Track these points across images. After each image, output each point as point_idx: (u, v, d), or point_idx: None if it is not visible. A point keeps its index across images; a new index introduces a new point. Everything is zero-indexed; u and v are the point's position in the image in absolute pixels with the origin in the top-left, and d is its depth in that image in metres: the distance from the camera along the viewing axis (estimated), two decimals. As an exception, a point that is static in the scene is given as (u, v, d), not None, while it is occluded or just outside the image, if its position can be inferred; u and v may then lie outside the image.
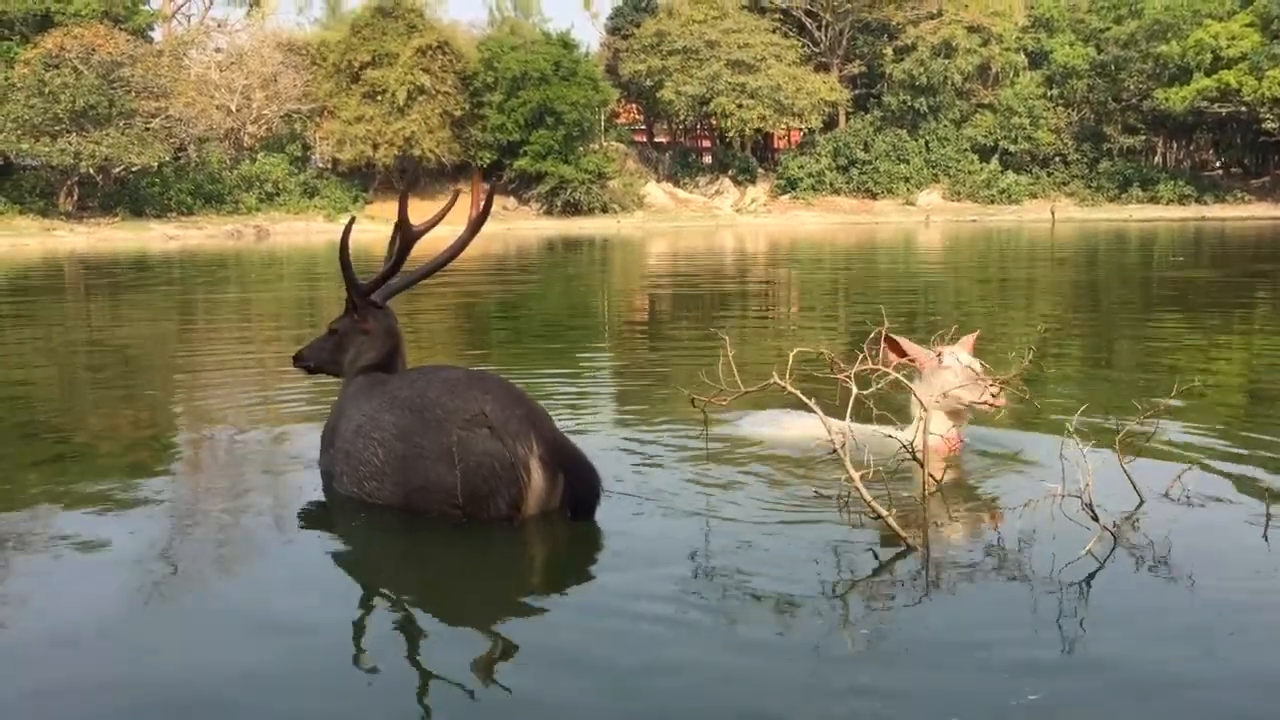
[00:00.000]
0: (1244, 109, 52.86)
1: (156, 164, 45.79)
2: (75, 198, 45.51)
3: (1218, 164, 61.04)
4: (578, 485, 4.19)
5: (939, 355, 4.98)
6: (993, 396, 4.83)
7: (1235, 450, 5.16)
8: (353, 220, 5.61)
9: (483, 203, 4.95)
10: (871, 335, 4.67)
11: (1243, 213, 52.65)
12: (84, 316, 14.32)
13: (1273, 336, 10.15)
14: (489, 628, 3.30)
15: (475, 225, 5.02)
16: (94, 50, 45.46)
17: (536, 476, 4.10)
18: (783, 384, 4.31)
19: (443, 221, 5.09)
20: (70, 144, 43.31)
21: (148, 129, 46.11)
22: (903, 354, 4.99)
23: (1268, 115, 52.28)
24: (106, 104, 44.32)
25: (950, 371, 4.90)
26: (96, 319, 13.97)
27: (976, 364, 4.96)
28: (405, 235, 4.93)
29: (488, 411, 4.10)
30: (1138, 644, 3.04)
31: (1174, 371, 7.48)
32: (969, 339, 5.15)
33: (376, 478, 4.30)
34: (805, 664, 2.94)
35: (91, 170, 44.22)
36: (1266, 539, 3.88)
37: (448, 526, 4.11)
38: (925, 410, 4.37)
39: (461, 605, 3.50)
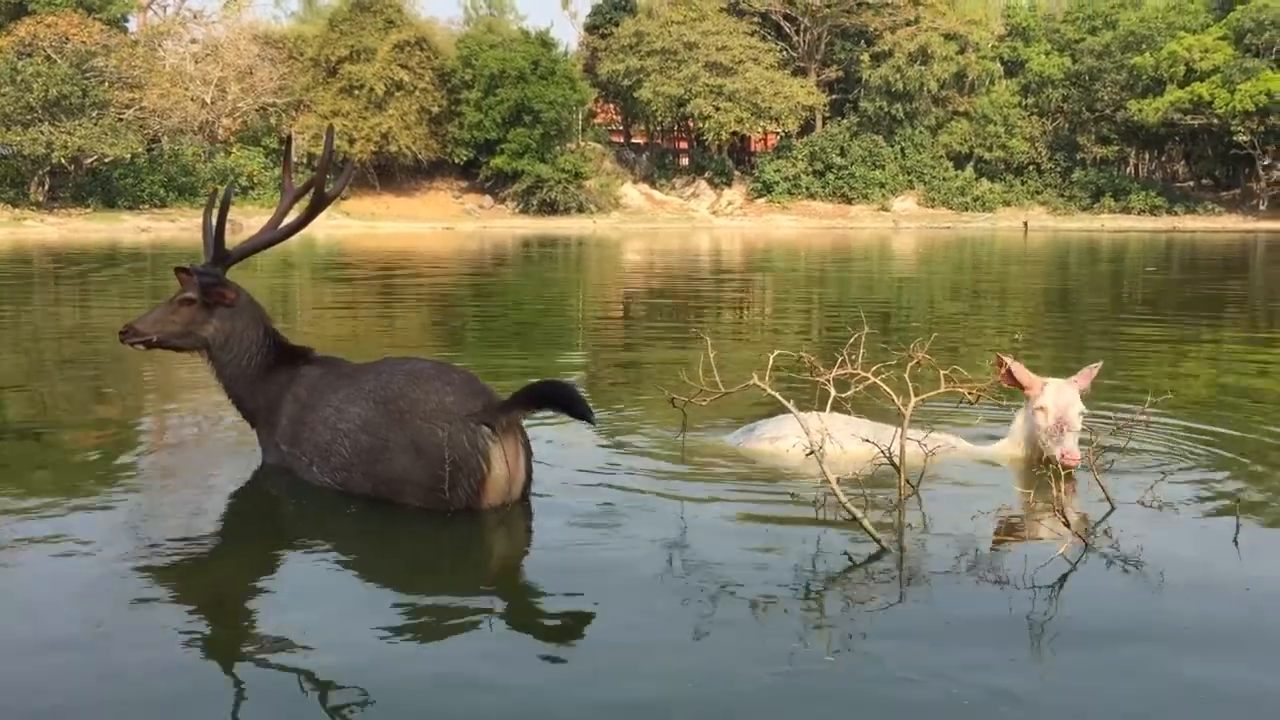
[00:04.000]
0: (1216, 121, 53.37)
1: (129, 155, 45.34)
2: (47, 188, 45.06)
3: (1189, 176, 61.61)
4: (556, 400, 4.23)
5: (1043, 386, 4.96)
6: (1067, 455, 4.78)
7: (1205, 457, 5.21)
8: (231, 186, 5.60)
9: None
10: (851, 340, 4.69)
11: (1213, 225, 53.20)
12: (52, 306, 14.19)
13: (1241, 346, 10.26)
14: (452, 621, 3.29)
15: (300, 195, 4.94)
16: (68, 39, 45.05)
17: (497, 466, 4.14)
18: (761, 385, 4.33)
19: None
20: (42, 134, 42.85)
21: (121, 120, 45.69)
22: (1015, 381, 5.01)
23: (1239, 128, 52.81)
24: (80, 94, 43.87)
25: (1041, 415, 4.90)
26: (65, 309, 13.85)
27: (1073, 410, 4.87)
28: (317, 200, 4.84)
29: (449, 403, 4.12)
30: (1107, 647, 3.07)
31: (1146, 381, 7.56)
32: (1091, 370, 5.09)
33: (346, 469, 4.33)
34: (777, 666, 2.94)
35: (64, 160, 43.78)
36: (1236, 544, 3.92)
37: (414, 516, 4.13)
38: (906, 414, 4.40)
39: (424, 598, 3.48)
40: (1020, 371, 4.97)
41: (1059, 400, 4.84)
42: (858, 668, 2.94)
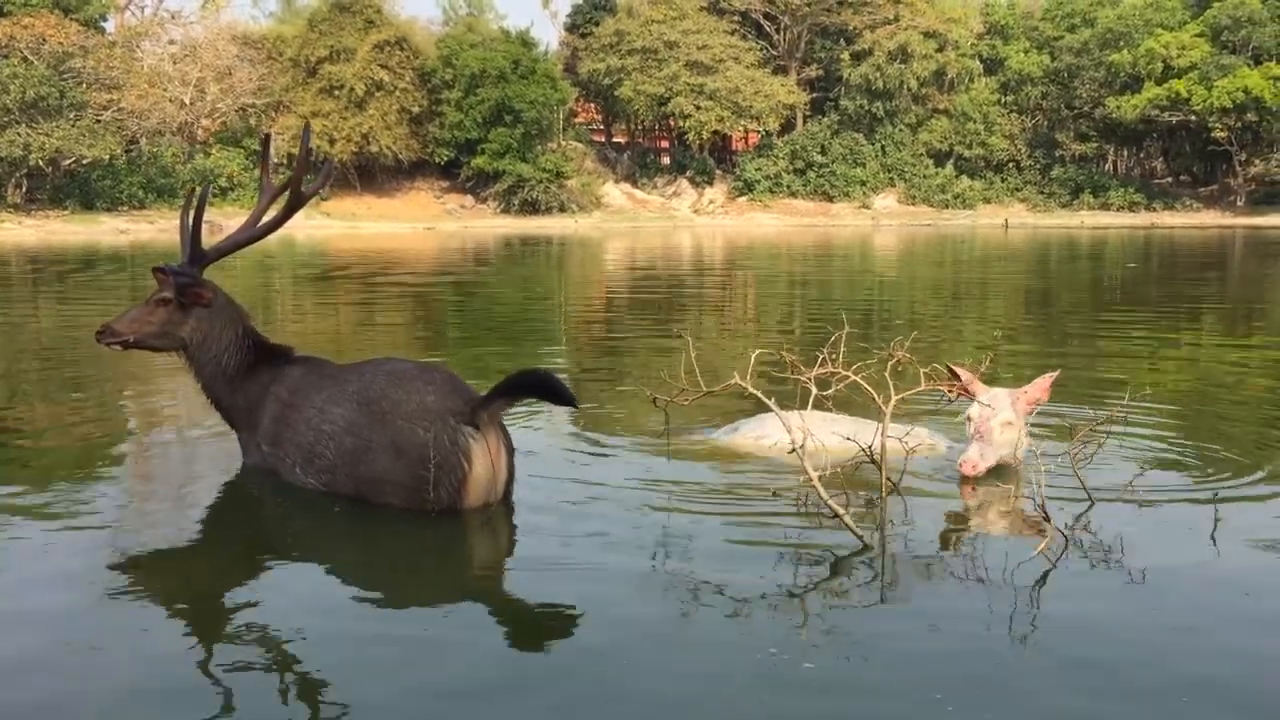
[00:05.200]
0: (1193, 118, 53.68)
1: (108, 157, 45.04)
2: (24, 190, 44.71)
3: (1167, 172, 61.94)
4: (536, 387, 4.26)
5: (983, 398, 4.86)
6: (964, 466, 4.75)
7: (1184, 453, 5.25)
8: (208, 185, 5.66)
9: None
10: (832, 339, 4.71)
11: (1191, 220, 53.49)
12: (31, 309, 14.10)
13: (1220, 341, 10.33)
14: (437, 622, 3.30)
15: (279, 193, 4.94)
16: (44, 40, 44.72)
17: (479, 465, 4.14)
18: (743, 384, 4.34)
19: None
20: (19, 135, 42.54)
21: (99, 121, 45.43)
22: (964, 388, 4.96)
23: (1216, 124, 53.13)
24: (57, 95, 43.58)
25: (968, 422, 4.86)
26: (44, 312, 13.76)
27: (993, 421, 4.77)
28: (294, 199, 4.82)
29: (430, 403, 4.12)
30: (1087, 642, 3.09)
31: (1125, 376, 7.60)
32: (1045, 380, 4.94)
33: (330, 470, 4.32)
34: (760, 662, 2.96)
35: (41, 162, 43.46)
36: (1214, 540, 3.95)
37: (397, 517, 4.13)
38: (886, 412, 4.41)
39: (407, 599, 3.48)
40: (969, 381, 4.94)
41: (983, 411, 4.82)
42: (840, 665, 2.95)
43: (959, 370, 4.95)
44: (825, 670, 2.91)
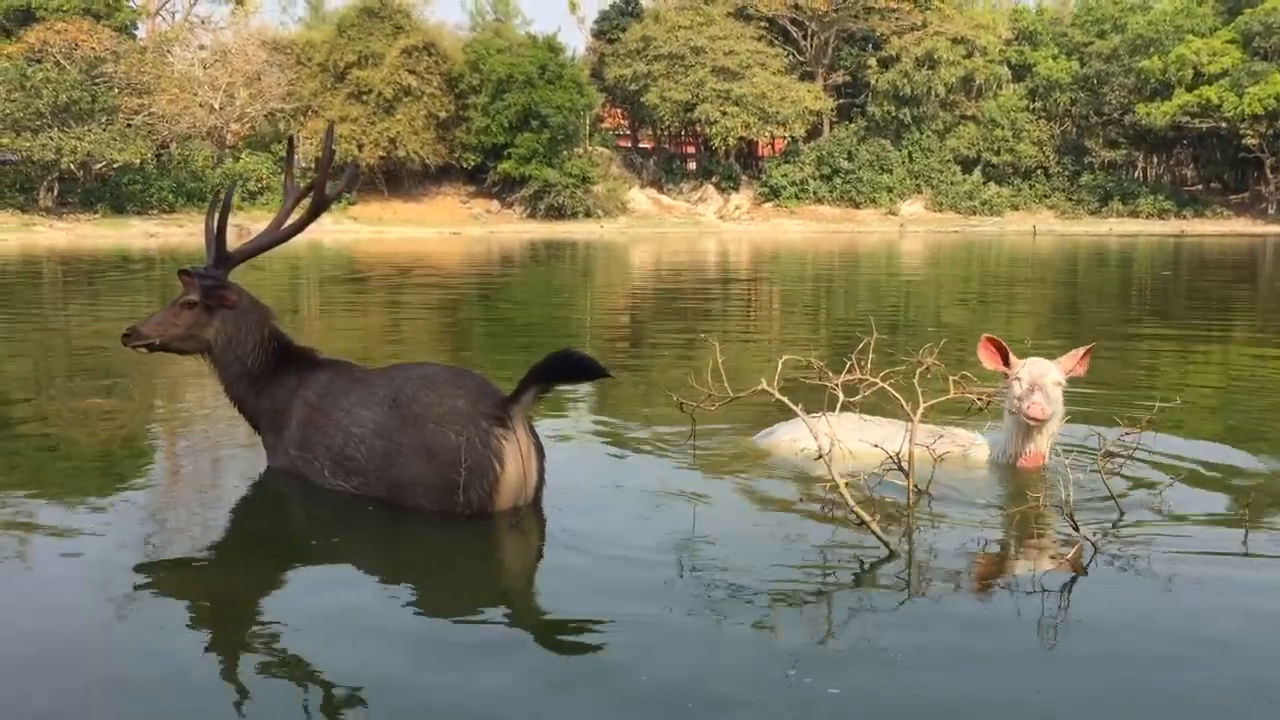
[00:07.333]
0: (1224, 125, 53.26)
1: (138, 161, 45.47)
2: (55, 193, 45.14)
3: (1197, 179, 61.45)
4: (567, 369, 4.33)
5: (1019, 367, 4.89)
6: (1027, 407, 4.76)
7: (1215, 463, 5.20)
8: (233, 187, 5.67)
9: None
10: (860, 345, 4.69)
11: (1222, 228, 53.06)
12: (60, 312, 14.22)
13: (1253, 351, 10.23)
14: (466, 623, 3.30)
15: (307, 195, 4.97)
16: (77, 45, 45.26)
17: (510, 466, 4.14)
18: (770, 390, 4.34)
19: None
20: (51, 139, 42.99)
21: (130, 125, 45.86)
22: (999, 356, 4.97)
23: (1248, 131, 52.68)
24: (89, 100, 44.06)
25: (1016, 384, 4.87)
26: (74, 313, 13.88)
27: (1047, 378, 4.81)
28: (318, 201, 4.86)
29: (460, 406, 4.13)
30: (1115, 652, 3.07)
31: (1155, 386, 7.54)
32: (1080, 351, 4.99)
33: (361, 473, 4.33)
34: (785, 668, 2.95)
35: (73, 166, 43.91)
36: (1245, 548, 3.91)
37: (426, 520, 4.13)
38: (914, 418, 4.39)
39: (437, 601, 3.49)
40: (1008, 352, 4.94)
41: (1034, 371, 4.83)
42: (865, 672, 2.94)
43: (999, 341, 4.94)
44: (850, 693, 2.86)
